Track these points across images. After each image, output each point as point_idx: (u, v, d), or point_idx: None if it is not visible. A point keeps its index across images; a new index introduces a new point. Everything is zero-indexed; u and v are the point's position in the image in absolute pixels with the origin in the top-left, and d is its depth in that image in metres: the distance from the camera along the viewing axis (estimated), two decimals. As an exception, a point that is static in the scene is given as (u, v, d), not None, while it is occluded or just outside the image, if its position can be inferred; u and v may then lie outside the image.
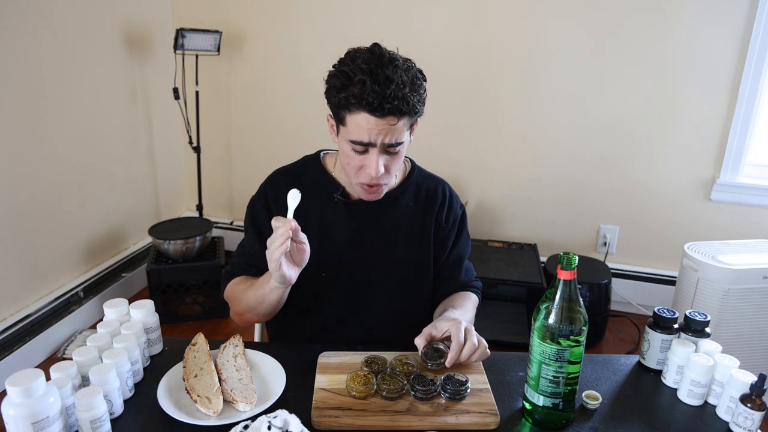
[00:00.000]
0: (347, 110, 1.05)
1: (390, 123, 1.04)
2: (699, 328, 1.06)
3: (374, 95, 1.00)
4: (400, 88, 1.01)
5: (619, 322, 2.68)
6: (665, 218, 2.62)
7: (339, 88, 1.04)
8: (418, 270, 1.26)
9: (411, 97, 1.03)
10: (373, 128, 1.04)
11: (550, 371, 0.91)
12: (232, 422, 0.88)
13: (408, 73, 1.04)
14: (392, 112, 1.02)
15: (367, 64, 1.02)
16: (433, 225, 1.26)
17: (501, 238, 2.82)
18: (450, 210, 1.28)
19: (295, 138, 2.92)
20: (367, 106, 1.01)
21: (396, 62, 1.04)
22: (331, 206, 1.22)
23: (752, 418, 0.91)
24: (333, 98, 1.07)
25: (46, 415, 0.79)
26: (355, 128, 1.05)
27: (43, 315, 2.25)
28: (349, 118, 1.05)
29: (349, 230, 1.21)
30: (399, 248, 1.24)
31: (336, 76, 1.05)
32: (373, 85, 1.00)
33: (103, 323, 1.04)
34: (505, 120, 2.68)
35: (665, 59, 2.42)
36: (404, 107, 1.02)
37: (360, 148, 1.07)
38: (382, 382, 0.99)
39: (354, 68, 1.03)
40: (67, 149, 2.34)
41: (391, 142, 1.07)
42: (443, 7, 2.58)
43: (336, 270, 1.22)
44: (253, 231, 1.23)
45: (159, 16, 2.83)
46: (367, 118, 1.03)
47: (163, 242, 2.49)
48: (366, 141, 1.05)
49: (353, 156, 1.09)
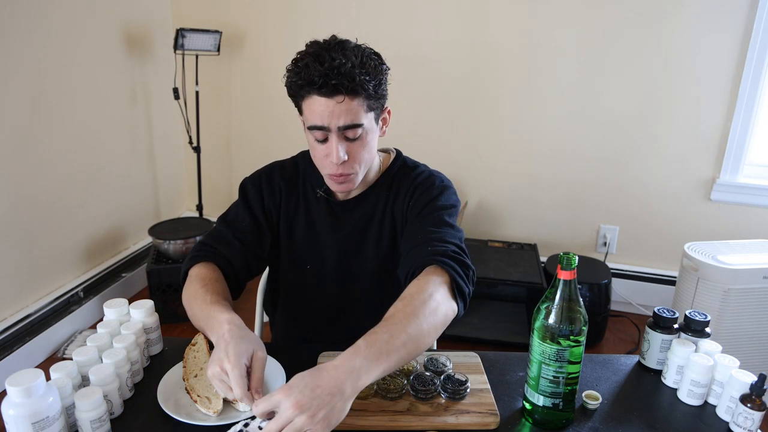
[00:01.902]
0: (300, 97, 1.05)
1: (338, 101, 1.02)
2: (699, 328, 1.06)
3: (317, 73, 0.99)
4: (343, 64, 1.00)
5: (619, 322, 2.68)
6: (665, 218, 2.62)
7: (291, 77, 1.04)
8: (393, 263, 1.20)
9: (358, 74, 1.01)
10: (324, 110, 1.02)
11: (550, 371, 0.91)
12: (232, 422, 0.88)
13: (357, 53, 1.03)
14: (338, 90, 1.00)
15: (314, 48, 1.03)
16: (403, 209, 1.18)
17: (501, 238, 2.82)
18: (416, 191, 1.16)
19: (295, 138, 2.91)
20: (312, 86, 1.01)
21: (345, 44, 1.04)
22: (315, 203, 1.22)
23: (752, 418, 0.91)
24: (289, 89, 1.07)
25: (46, 415, 0.79)
26: (309, 113, 1.05)
27: (43, 315, 2.25)
28: (304, 104, 1.05)
29: (328, 226, 1.21)
30: (372, 242, 1.21)
31: (289, 68, 1.05)
32: (316, 65, 1.00)
33: (103, 323, 1.05)
34: (505, 120, 2.68)
35: (665, 59, 2.42)
36: (349, 83, 1.00)
37: (320, 135, 1.06)
38: (382, 382, 0.99)
39: (302, 54, 1.04)
40: (67, 149, 2.34)
41: (347, 124, 1.04)
42: (443, 6, 2.58)
43: (320, 266, 1.22)
44: (244, 207, 1.21)
45: (159, 16, 2.83)
46: (316, 100, 1.02)
47: (163, 242, 2.48)
48: (320, 124, 1.04)
49: (316, 146, 1.09)
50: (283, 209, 1.22)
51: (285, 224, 1.23)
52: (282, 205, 1.22)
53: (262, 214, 1.21)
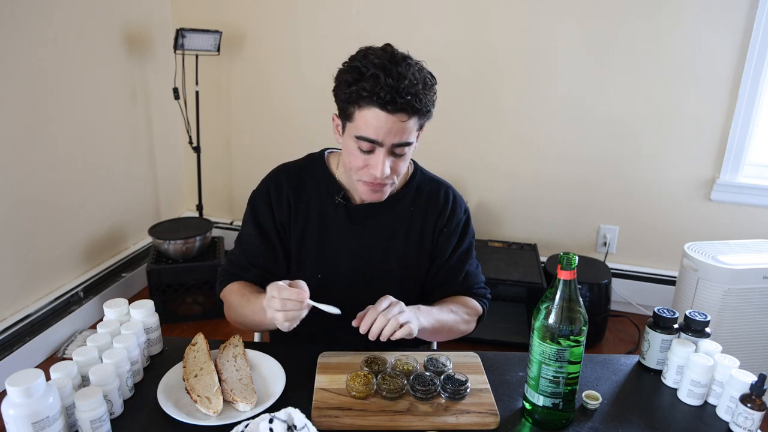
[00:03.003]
0: (357, 105, 1.03)
1: (400, 120, 1.02)
2: (699, 328, 1.06)
3: (387, 89, 0.98)
4: (413, 83, 1.00)
5: (619, 322, 2.68)
6: (665, 218, 2.62)
7: (350, 83, 1.02)
8: (414, 273, 1.25)
9: (423, 95, 1.02)
10: (382, 125, 1.02)
11: (550, 371, 0.91)
12: (232, 422, 0.89)
13: (421, 72, 1.04)
14: (404, 109, 1.00)
15: (379, 60, 1.01)
16: (434, 229, 1.24)
17: (501, 238, 2.82)
18: (452, 214, 1.25)
19: (295, 138, 2.92)
20: (378, 101, 0.99)
21: (409, 60, 1.04)
22: (332, 209, 1.20)
23: (752, 418, 0.91)
24: (343, 93, 1.04)
25: (46, 415, 0.79)
26: (363, 124, 1.03)
27: (43, 315, 2.25)
28: (358, 113, 1.03)
29: (347, 234, 1.21)
30: (397, 252, 1.22)
31: (347, 71, 1.03)
32: (387, 79, 0.98)
33: (103, 323, 1.05)
34: (506, 120, 2.68)
35: (665, 59, 2.42)
36: (417, 104, 1.01)
37: (366, 146, 1.05)
38: (382, 382, 0.99)
39: (366, 63, 1.01)
40: (67, 149, 2.34)
41: (400, 142, 1.05)
42: (444, 7, 2.58)
43: (333, 273, 1.21)
44: (254, 226, 1.22)
45: (159, 16, 2.83)
46: (377, 114, 1.01)
47: (163, 242, 2.49)
48: (373, 138, 1.03)
49: (357, 154, 1.07)
50: (293, 219, 1.21)
51: (296, 234, 1.21)
52: (292, 216, 1.21)
53: (273, 230, 1.21)
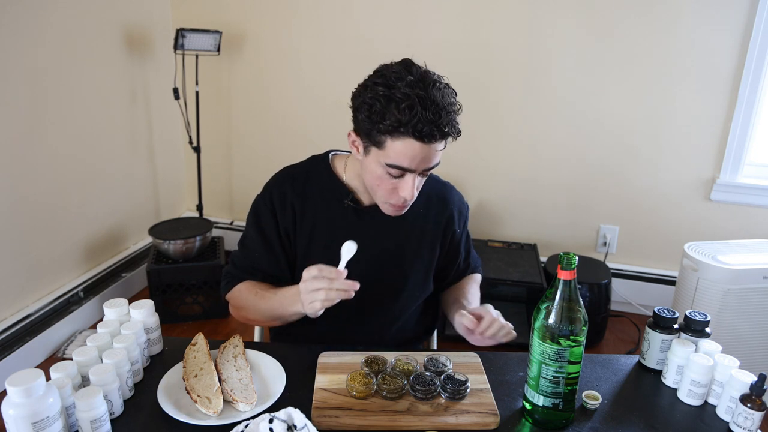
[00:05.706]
0: (389, 134, 0.99)
1: (436, 149, 1.01)
2: (699, 328, 1.06)
3: (425, 122, 0.96)
4: (448, 112, 0.98)
5: (619, 322, 2.68)
6: (665, 218, 2.62)
7: (381, 112, 0.98)
8: (426, 274, 1.27)
9: (456, 121, 1.01)
10: (417, 155, 1.00)
11: (550, 371, 0.91)
12: (232, 422, 0.89)
13: (450, 95, 1.02)
14: (441, 138, 1.00)
15: (411, 88, 0.97)
16: (446, 231, 1.26)
17: (501, 238, 2.82)
18: (460, 216, 1.30)
19: (296, 138, 2.92)
20: (416, 134, 0.97)
21: (438, 83, 1.01)
22: (341, 212, 1.19)
23: (752, 418, 0.91)
24: (370, 121, 1.00)
25: (46, 415, 0.79)
26: (395, 154, 1.00)
27: (43, 315, 2.25)
28: (391, 142, 1.00)
29: (358, 235, 1.19)
30: (409, 254, 1.23)
31: (376, 98, 0.99)
32: (424, 112, 0.96)
33: (103, 323, 1.04)
34: (506, 120, 2.68)
35: (665, 59, 2.42)
36: (453, 132, 1.01)
37: (396, 173, 1.03)
38: (382, 382, 0.99)
39: (395, 91, 0.97)
40: (67, 149, 2.34)
41: (430, 166, 1.04)
42: (444, 8, 2.58)
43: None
44: (257, 232, 1.21)
45: (159, 16, 2.83)
46: (412, 145, 0.99)
47: (163, 242, 2.49)
48: (407, 167, 1.02)
49: (386, 179, 1.05)
50: (299, 226, 1.19)
51: (303, 240, 1.20)
52: (297, 223, 1.19)
53: (276, 239, 1.19)
